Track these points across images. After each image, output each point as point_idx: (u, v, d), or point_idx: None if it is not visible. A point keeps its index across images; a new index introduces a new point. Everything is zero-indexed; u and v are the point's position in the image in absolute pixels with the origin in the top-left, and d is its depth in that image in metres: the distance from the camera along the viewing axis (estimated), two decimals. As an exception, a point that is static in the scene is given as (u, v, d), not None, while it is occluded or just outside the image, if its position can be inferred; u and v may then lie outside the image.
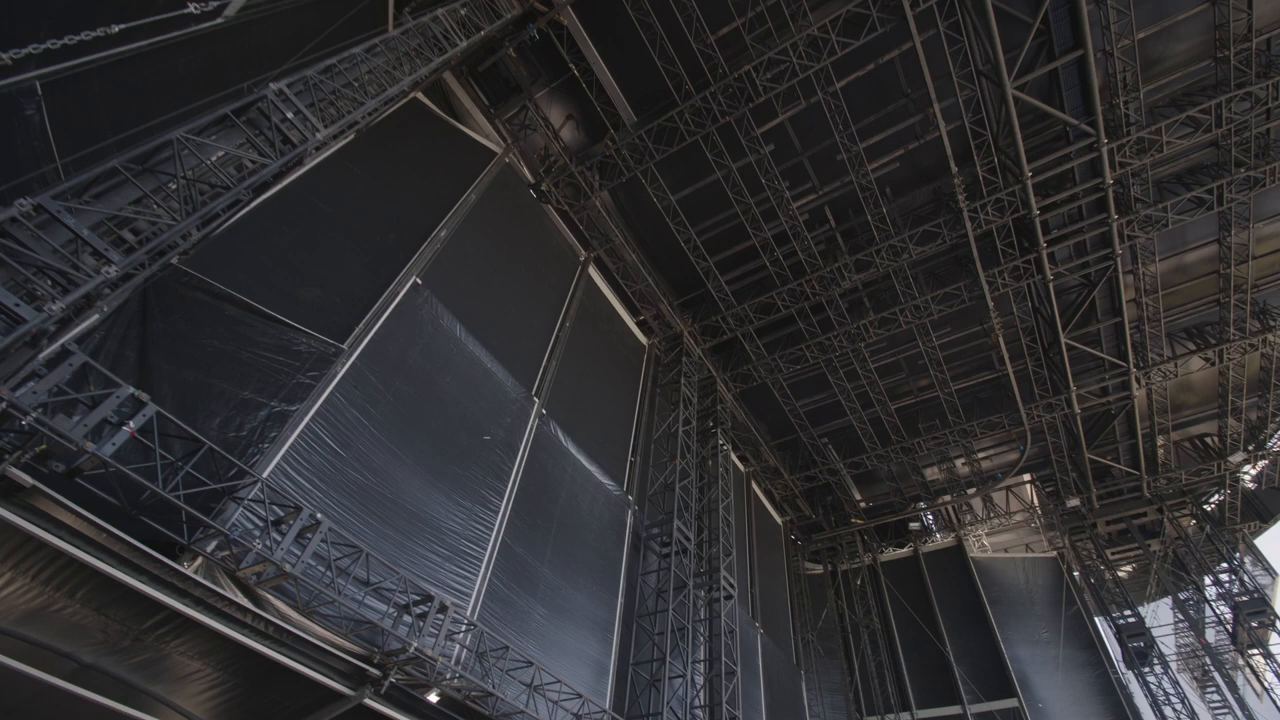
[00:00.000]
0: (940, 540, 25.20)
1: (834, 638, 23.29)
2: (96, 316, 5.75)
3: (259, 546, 6.01)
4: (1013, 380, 20.22)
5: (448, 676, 8.11)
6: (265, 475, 6.89)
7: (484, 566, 9.46)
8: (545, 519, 11.62)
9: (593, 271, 17.41)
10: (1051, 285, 17.61)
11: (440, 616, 7.55)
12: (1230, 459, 22.39)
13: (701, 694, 13.56)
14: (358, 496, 8.05)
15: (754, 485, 23.33)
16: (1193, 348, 20.26)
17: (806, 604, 23.82)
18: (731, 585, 15.14)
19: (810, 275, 17.28)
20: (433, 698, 8.26)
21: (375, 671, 7.08)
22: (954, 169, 15.55)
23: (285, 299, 8.44)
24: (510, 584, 10.05)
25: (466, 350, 10.95)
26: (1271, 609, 19.31)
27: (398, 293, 9.77)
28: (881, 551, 25.44)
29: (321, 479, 7.73)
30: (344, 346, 8.51)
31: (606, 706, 10.67)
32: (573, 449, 13.09)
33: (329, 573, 6.59)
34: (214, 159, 6.38)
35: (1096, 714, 19.67)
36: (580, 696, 9.42)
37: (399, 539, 8.36)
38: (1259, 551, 23.34)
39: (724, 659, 13.53)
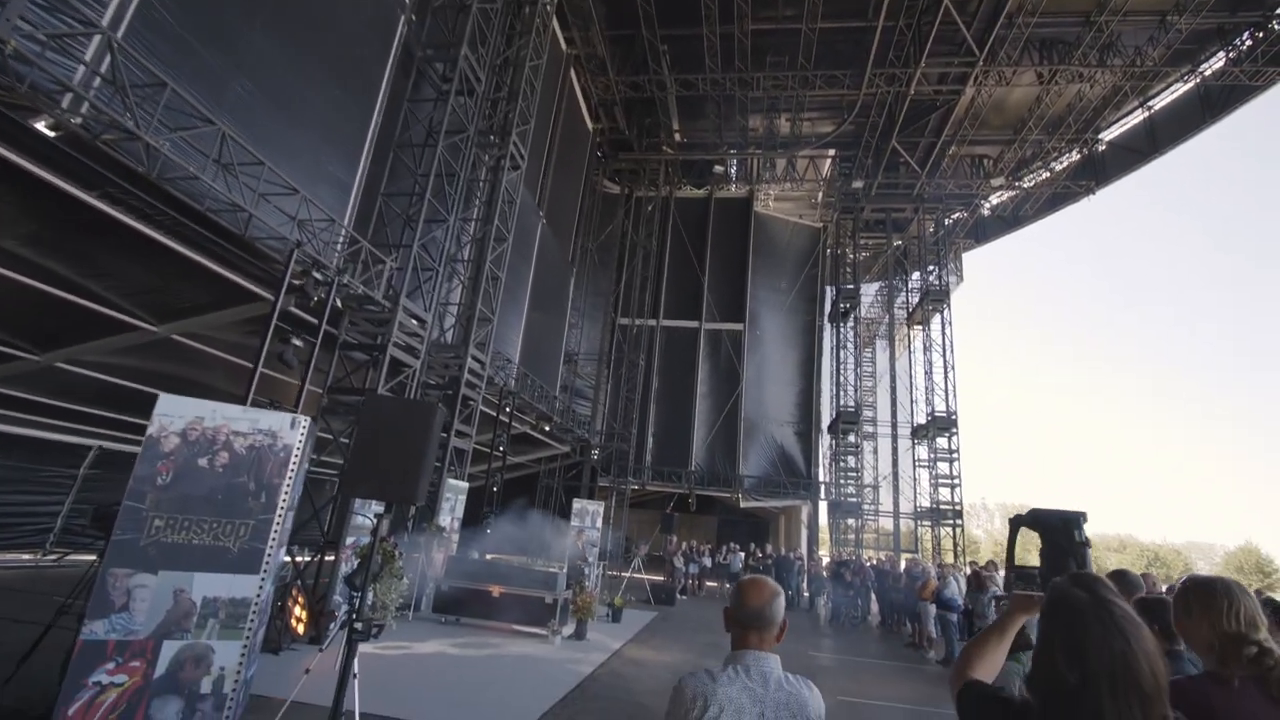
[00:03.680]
0: (734, 190, 25.94)
1: (611, 250, 24.23)
2: None
3: None
4: (877, 35, 18.59)
5: (61, 104, 5.44)
6: None
7: (129, -34, 6.01)
8: (265, -36, 7.86)
9: None
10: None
11: (3, -31, 4.47)
12: (991, 182, 25.15)
13: (466, 250, 12.75)
14: None
15: (573, 74, 20.22)
16: (1037, 60, 20.21)
17: (595, 217, 23.76)
18: (521, 157, 13.39)
19: None
20: (43, 127, 5.69)
21: None
22: None
23: None
24: (188, 25, 6.82)
25: None
26: (948, 300, 24.25)
27: None
28: (680, 188, 25.56)
29: None
30: None
31: (346, 224, 9.06)
32: (323, -127, 8.57)
33: None
34: None
35: (795, 346, 24.47)
36: (298, 192, 7.51)
37: None
38: (961, 261, 28.43)
39: (497, 223, 12.49)
